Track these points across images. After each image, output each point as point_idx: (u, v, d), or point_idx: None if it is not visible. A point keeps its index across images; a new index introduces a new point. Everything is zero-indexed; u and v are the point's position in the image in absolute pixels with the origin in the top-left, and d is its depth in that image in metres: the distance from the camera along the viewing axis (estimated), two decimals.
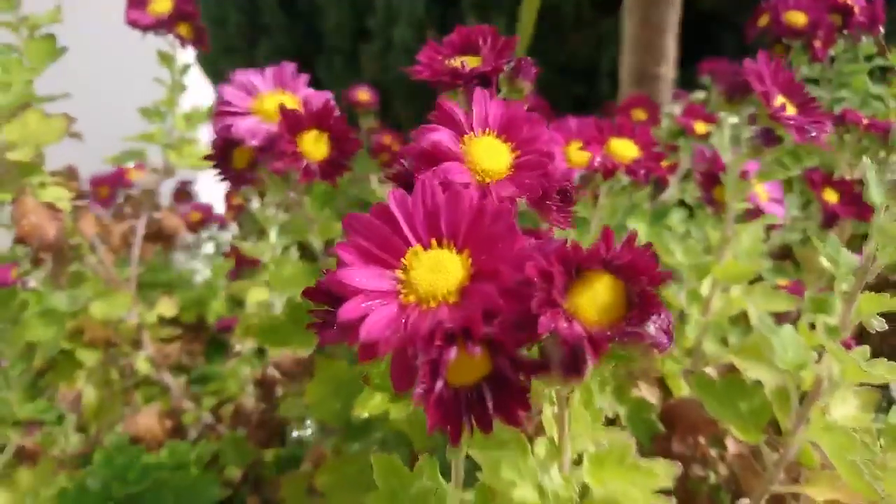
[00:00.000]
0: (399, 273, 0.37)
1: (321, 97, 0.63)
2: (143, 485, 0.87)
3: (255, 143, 0.59)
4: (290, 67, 0.65)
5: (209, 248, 1.85)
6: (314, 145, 0.58)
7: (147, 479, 0.88)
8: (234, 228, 1.79)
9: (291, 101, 0.62)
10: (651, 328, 0.34)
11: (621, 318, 0.33)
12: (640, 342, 0.34)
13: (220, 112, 0.60)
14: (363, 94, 1.76)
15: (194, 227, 1.71)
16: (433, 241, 0.38)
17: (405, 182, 0.43)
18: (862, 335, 0.52)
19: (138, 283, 1.43)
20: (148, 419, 0.95)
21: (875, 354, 1.16)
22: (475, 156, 0.43)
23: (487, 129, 0.44)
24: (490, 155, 0.43)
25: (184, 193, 1.88)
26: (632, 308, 0.33)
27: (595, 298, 0.34)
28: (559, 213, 0.43)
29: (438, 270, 0.37)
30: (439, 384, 0.32)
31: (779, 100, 0.60)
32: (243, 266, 1.35)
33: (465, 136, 0.43)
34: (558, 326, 0.32)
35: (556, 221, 0.42)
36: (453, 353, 0.32)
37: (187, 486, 0.89)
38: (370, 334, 0.34)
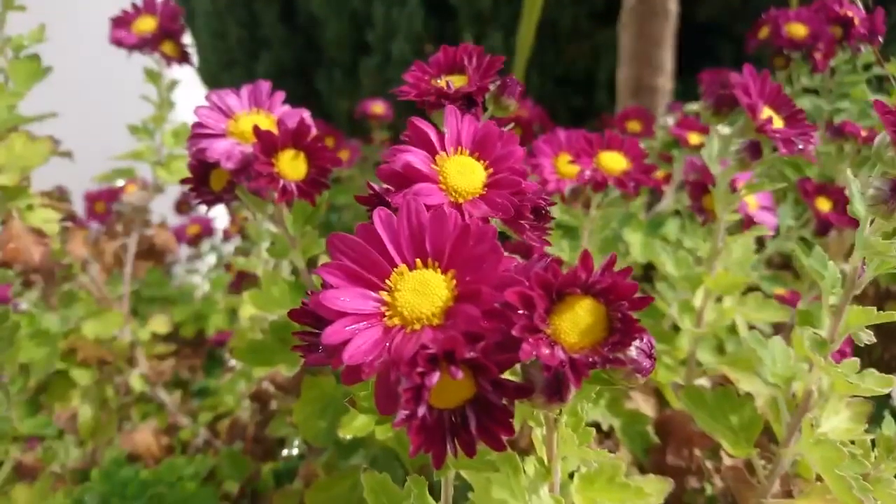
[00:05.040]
0: (384, 294, 0.38)
1: (296, 115, 0.62)
2: (140, 500, 0.87)
3: (230, 165, 0.58)
4: (265, 86, 0.64)
5: (211, 259, 1.86)
6: (291, 165, 0.58)
7: (145, 495, 0.88)
8: (238, 240, 1.80)
9: (266, 121, 0.61)
10: (633, 352, 0.34)
11: (603, 342, 0.33)
12: (622, 367, 0.34)
13: (195, 134, 0.60)
14: (377, 108, 1.77)
15: (193, 241, 1.71)
16: (418, 262, 0.38)
17: (378, 205, 0.43)
18: (865, 344, 0.52)
19: (139, 299, 1.44)
20: (145, 436, 0.95)
21: (877, 363, 1.15)
22: (448, 175, 0.43)
23: (460, 148, 0.44)
24: (463, 174, 0.43)
25: (185, 205, 1.89)
26: (613, 332, 0.33)
27: (577, 322, 0.34)
28: (533, 231, 0.43)
29: (423, 292, 0.37)
30: (422, 409, 0.32)
31: (765, 112, 0.60)
32: (244, 279, 1.35)
33: (438, 155, 0.43)
34: (540, 352, 0.32)
35: (531, 239, 0.43)
36: (435, 378, 0.32)
37: (185, 501, 0.89)
38: (353, 358, 0.34)
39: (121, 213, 1.11)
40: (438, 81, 0.54)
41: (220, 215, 1.88)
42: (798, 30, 1.21)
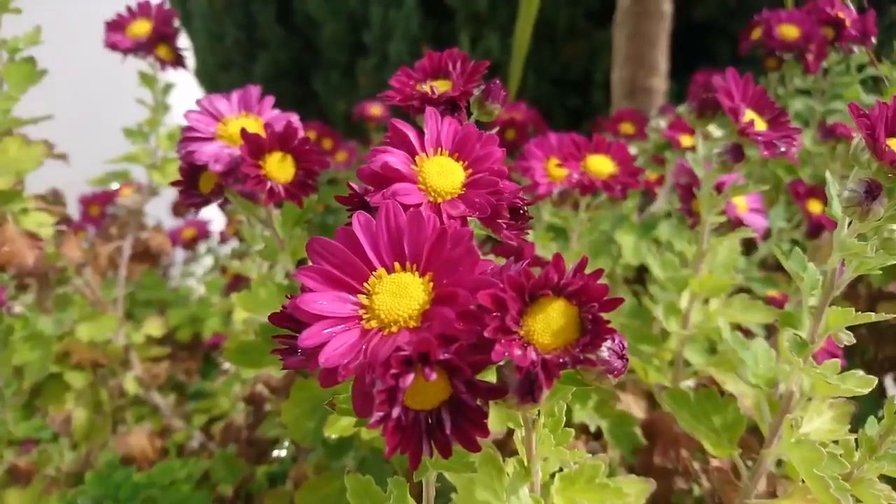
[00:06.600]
0: (362, 297, 0.38)
1: (284, 118, 0.63)
2: (134, 503, 0.88)
3: (218, 168, 0.59)
4: (255, 90, 0.65)
5: (208, 262, 1.86)
6: (278, 167, 0.59)
7: (138, 497, 0.88)
8: (234, 242, 1.80)
9: (255, 125, 0.62)
10: (604, 353, 0.34)
11: (575, 342, 0.34)
12: (593, 367, 0.34)
13: (185, 138, 0.61)
14: (374, 109, 1.78)
15: (189, 244, 1.72)
16: (396, 265, 0.39)
17: (357, 205, 0.44)
18: (858, 345, 0.52)
19: (135, 302, 1.45)
20: (139, 439, 0.95)
21: (870, 364, 1.14)
22: (427, 176, 0.43)
23: (440, 149, 0.45)
24: (442, 174, 0.44)
25: (182, 208, 1.89)
26: (585, 333, 0.34)
27: (549, 323, 0.34)
28: (510, 231, 0.43)
29: (401, 295, 0.38)
30: (396, 411, 0.33)
31: (748, 115, 0.61)
32: (239, 282, 1.36)
33: (418, 156, 0.44)
34: (512, 353, 0.33)
35: (508, 238, 0.43)
36: (409, 379, 0.33)
37: None
38: (329, 361, 0.34)
39: (115, 216, 1.12)
40: (423, 86, 0.55)
41: (216, 218, 1.88)
42: (790, 31, 1.21)
